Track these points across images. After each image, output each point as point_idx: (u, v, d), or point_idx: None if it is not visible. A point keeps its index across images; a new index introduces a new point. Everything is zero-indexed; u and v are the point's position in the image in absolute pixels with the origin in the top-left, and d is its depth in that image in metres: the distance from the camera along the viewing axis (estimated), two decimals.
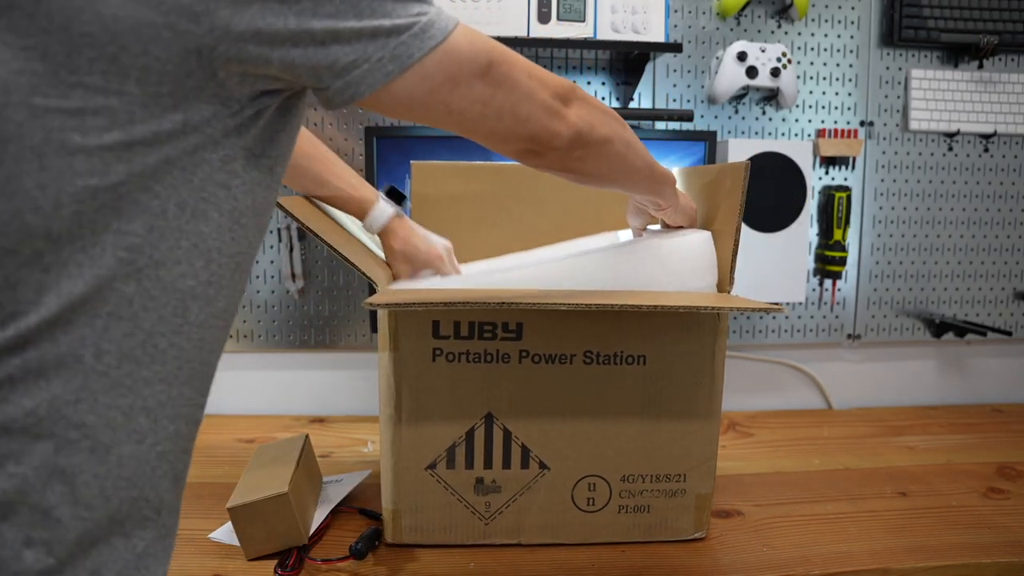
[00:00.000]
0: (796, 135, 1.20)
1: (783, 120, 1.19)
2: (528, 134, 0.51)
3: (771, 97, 1.17)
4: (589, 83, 1.16)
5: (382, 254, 0.82)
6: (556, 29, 1.02)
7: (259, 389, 1.19)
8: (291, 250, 1.12)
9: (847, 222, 1.19)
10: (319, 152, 0.77)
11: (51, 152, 0.36)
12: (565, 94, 0.52)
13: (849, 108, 1.20)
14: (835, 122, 1.20)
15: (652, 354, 0.70)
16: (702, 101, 1.17)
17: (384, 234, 0.80)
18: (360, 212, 0.79)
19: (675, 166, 1.07)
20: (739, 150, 1.12)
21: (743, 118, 1.18)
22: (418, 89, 0.44)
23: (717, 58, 1.15)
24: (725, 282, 0.73)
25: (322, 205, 0.79)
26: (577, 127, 0.53)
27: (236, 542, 0.69)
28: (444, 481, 0.70)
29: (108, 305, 0.38)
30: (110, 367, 0.39)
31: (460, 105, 0.47)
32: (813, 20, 1.18)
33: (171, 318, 0.41)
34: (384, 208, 0.79)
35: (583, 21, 1.03)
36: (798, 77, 1.17)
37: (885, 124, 1.21)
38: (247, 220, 0.44)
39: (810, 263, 1.22)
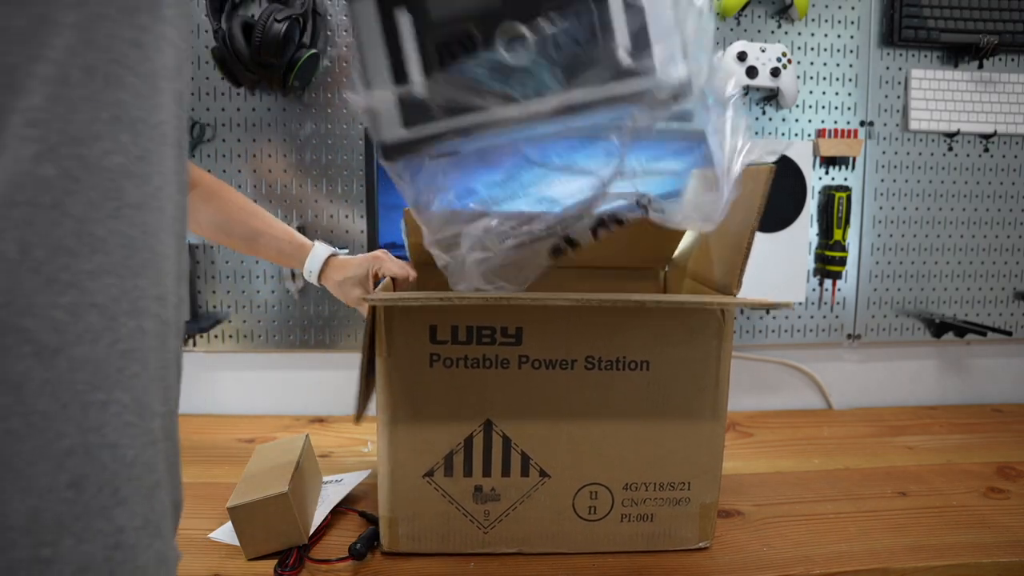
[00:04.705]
0: (796, 135, 1.20)
1: (783, 120, 1.19)
2: None
3: (771, 97, 1.17)
4: None
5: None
6: None
7: (259, 389, 1.19)
8: None
9: (847, 222, 1.19)
10: (256, 208, 0.85)
11: None
12: None
13: (849, 108, 1.20)
14: (835, 122, 1.20)
15: (655, 359, 0.69)
16: None
17: (323, 274, 0.86)
18: (300, 256, 0.86)
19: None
20: None
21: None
22: None
23: (717, 58, 1.14)
24: (733, 284, 0.72)
25: None
26: None
27: (236, 542, 0.69)
28: (442, 489, 0.69)
29: (25, 192, 0.33)
30: (40, 262, 0.35)
31: None
32: (813, 20, 1.18)
33: (104, 201, 0.35)
34: (321, 248, 0.86)
35: None
36: (798, 77, 1.17)
37: (885, 124, 1.21)
38: (163, 84, 0.39)
39: (810, 263, 1.22)
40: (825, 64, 1.19)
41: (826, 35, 1.18)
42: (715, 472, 0.72)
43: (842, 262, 1.19)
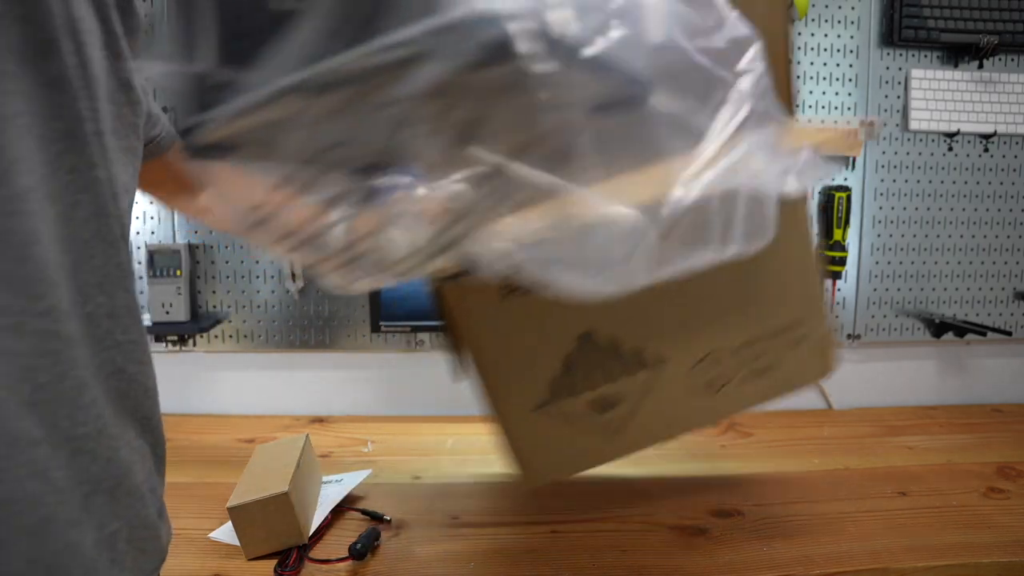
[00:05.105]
0: None
1: None
2: None
3: None
4: None
5: None
6: None
7: (259, 389, 1.19)
8: None
9: (847, 222, 1.19)
10: None
11: None
12: None
13: (849, 108, 1.20)
14: (835, 122, 1.20)
15: None
16: None
17: None
18: None
19: None
20: None
21: None
22: None
23: None
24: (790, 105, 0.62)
25: None
26: None
27: (236, 542, 0.69)
28: (558, 415, 0.65)
29: None
30: None
31: None
32: (813, 20, 1.18)
33: None
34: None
35: None
36: (798, 77, 1.17)
37: (885, 124, 1.21)
38: (12, 67, 0.33)
39: None
40: (825, 64, 1.19)
41: (826, 35, 1.18)
42: (819, 301, 0.67)
43: (842, 262, 1.19)
